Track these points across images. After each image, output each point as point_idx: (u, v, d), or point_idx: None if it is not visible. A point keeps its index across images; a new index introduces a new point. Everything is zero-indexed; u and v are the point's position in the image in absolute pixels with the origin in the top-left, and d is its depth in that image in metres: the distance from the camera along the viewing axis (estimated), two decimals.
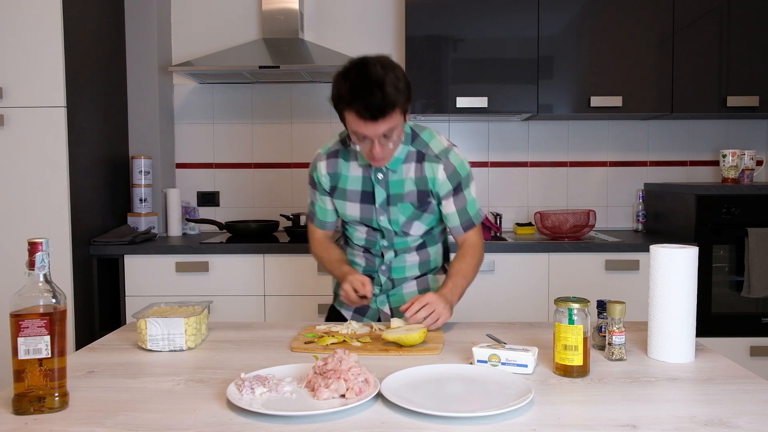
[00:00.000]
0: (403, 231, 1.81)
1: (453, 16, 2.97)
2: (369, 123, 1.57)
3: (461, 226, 1.82)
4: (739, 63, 2.96)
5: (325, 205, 1.89)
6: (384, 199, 1.78)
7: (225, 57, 3.02)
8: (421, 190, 1.77)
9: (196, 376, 1.30)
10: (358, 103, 1.54)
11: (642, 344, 1.48)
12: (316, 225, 1.93)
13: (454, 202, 1.79)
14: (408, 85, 1.62)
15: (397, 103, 1.58)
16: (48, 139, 2.57)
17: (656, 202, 3.21)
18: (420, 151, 1.76)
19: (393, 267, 1.88)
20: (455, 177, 1.76)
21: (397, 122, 1.62)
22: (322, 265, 1.96)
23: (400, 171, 1.76)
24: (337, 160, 1.82)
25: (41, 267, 1.10)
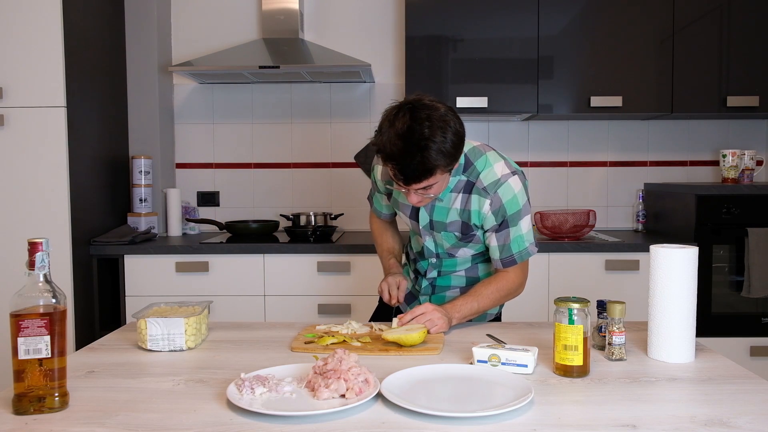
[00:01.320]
0: (449, 254, 1.79)
1: (453, 16, 2.97)
2: (412, 186, 1.51)
3: (500, 261, 1.71)
4: (739, 63, 2.96)
5: (381, 199, 1.93)
6: (427, 224, 1.73)
7: (225, 57, 3.01)
8: (465, 223, 1.69)
9: (196, 376, 1.30)
10: (393, 165, 1.47)
11: (642, 344, 1.48)
12: (374, 211, 1.99)
13: (496, 237, 1.69)
14: (456, 144, 1.49)
15: (438, 167, 1.47)
16: (48, 139, 2.57)
17: (656, 202, 3.21)
18: (470, 181, 1.66)
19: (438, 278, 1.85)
20: (501, 213, 1.65)
21: (437, 181, 1.52)
22: (375, 243, 2.01)
23: (447, 200, 1.68)
24: None
25: (41, 267, 1.10)
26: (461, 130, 1.52)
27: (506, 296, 1.74)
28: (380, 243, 1.97)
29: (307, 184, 3.37)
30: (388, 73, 3.33)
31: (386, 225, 1.99)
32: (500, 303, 1.77)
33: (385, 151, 1.48)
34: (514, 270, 1.73)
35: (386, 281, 1.80)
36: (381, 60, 3.30)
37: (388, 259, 1.90)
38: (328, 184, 3.37)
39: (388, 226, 1.99)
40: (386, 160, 1.49)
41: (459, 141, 1.51)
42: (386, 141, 1.47)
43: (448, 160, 1.49)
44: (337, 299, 2.81)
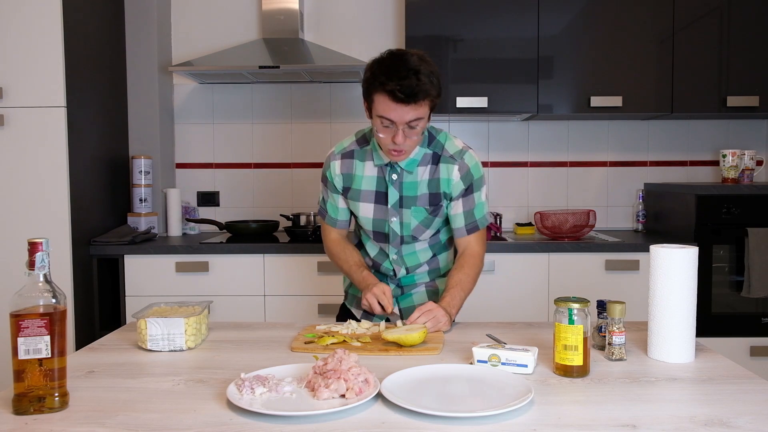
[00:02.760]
0: (412, 236, 1.80)
1: (453, 16, 2.97)
2: (400, 105, 1.57)
3: (465, 228, 1.79)
4: (739, 63, 2.96)
5: (336, 203, 1.87)
6: (396, 201, 1.77)
7: (225, 57, 3.01)
8: (434, 193, 1.76)
9: (196, 376, 1.30)
10: (393, 84, 1.55)
11: (642, 344, 1.48)
12: (327, 222, 1.91)
13: (463, 203, 1.77)
14: (440, 83, 1.63)
15: (429, 94, 1.59)
16: (48, 139, 2.57)
17: (656, 202, 3.21)
18: (436, 152, 1.75)
19: (402, 277, 1.88)
20: (468, 178, 1.75)
21: (424, 115, 1.62)
22: (338, 266, 1.91)
23: (415, 173, 1.75)
24: (352, 160, 1.80)
25: (41, 267, 1.10)
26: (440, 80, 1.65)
27: (478, 272, 1.80)
28: (345, 259, 1.86)
29: (307, 184, 3.37)
30: None
31: (344, 241, 1.91)
32: (476, 280, 1.79)
33: (383, 77, 1.56)
34: (477, 239, 1.81)
35: (372, 292, 1.71)
36: None
37: (360, 272, 1.81)
38: None
39: (347, 242, 1.92)
40: (383, 85, 1.56)
41: (440, 82, 1.63)
42: (381, 71, 1.58)
43: (434, 93, 1.61)
44: (337, 299, 2.79)
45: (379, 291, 1.70)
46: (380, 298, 1.70)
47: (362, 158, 1.79)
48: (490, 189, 3.38)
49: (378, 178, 1.78)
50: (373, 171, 1.78)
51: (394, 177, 1.76)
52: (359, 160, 1.79)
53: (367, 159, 1.79)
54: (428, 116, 1.65)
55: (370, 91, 1.62)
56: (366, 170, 1.79)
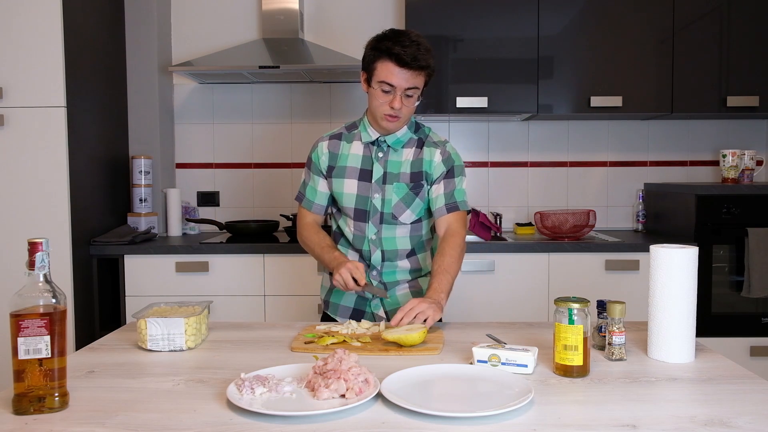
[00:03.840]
0: (393, 214, 1.83)
1: (453, 16, 2.97)
2: (402, 70, 1.69)
3: (445, 206, 1.83)
4: (739, 63, 2.96)
5: (315, 186, 1.92)
6: (381, 176, 1.84)
7: (225, 57, 3.02)
8: (415, 172, 1.84)
9: (196, 376, 1.30)
10: (399, 48, 1.68)
11: (642, 344, 1.48)
12: (304, 205, 1.95)
13: (444, 185, 1.84)
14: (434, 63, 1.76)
15: (428, 64, 1.72)
16: (48, 139, 2.57)
17: (656, 202, 3.21)
18: (421, 138, 1.88)
19: (384, 272, 1.89)
20: (449, 162, 1.85)
21: (420, 85, 1.75)
22: (310, 251, 1.93)
23: (400, 153, 1.85)
24: (339, 141, 1.90)
25: (41, 267, 1.10)
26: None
27: (461, 252, 1.81)
28: (318, 241, 1.89)
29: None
30: None
31: (317, 226, 1.95)
32: (461, 261, 1.80)
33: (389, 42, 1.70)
34: (456, 221, 1.84)
35: (345, 267, 1.72)
36: None
37: (332, 252, 1.84)
38: None
39: (319, 227, 1.95)
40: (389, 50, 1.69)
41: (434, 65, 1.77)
42: (383, 37, 1.73)
43: (431, 68, 1.75)
44: None
45: (351, 266, 1.72)
46: (353, 272, 1.71)
47: (349, 140, 1.90)
48: (490, 189, 3.38)
49: (364, 157, 1.86)
50: (360, 149, 1.87)
51: (380, 155, 1.85)
52: (346, 141, 1.90)
53: (354, 140, 1.89)
54: (421, 91, 1.78)
55: (374, 59, 1.73)
56: (352, 149, 1.88)
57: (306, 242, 1.94)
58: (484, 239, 2.96)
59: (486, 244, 2.83)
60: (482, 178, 3.37)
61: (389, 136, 1.84)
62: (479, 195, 3.38)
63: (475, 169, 3.37)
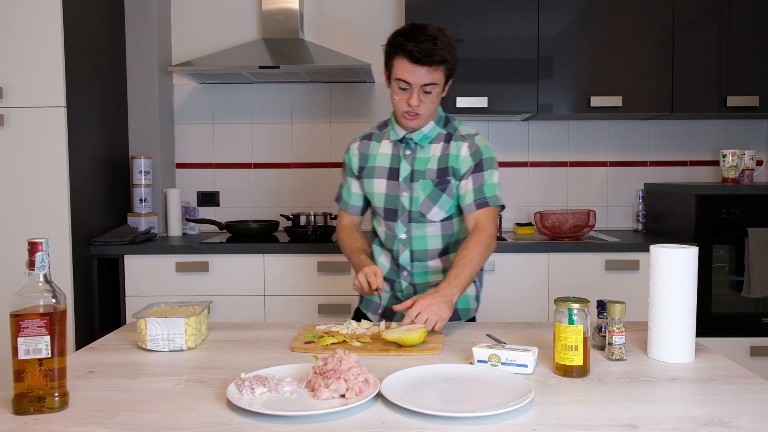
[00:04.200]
0: (421, 212, 1.81)
1: (453, 16, 2.97)
2: (417, 67, 1.67)
3: (474, 203, 1.77)
4: (739, 63, 2.96)
5: (350, 187, 1.95)
6: (408, 174, 1.82)
7: (225, 57, 3.01)
8: (442, 168, 1.80)
9: (196, 376, 1.30)
10: (411, 44, 1.66)
11: (642, 344, 1.48)
12: (341, 206, 1.99)
13: (472, 180, 1.79)
14: (456, 55, 1.74)
15: (446, 60, 1.69)
16: (48, 139, 2.57)
17: (656, 202, 3.21)
18: (449, 133, 1.84)
19: (415, 273, 1.87)
20: (477, 155, 1.79)
21: (439, 81, 1.72)
22: (343, 251, 1.97)
23: (427, 149, 1.83)
24: (370, 142, 1.91)
25: (41, 267, 1.10)
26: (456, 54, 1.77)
27: (487, 248, 1.73)
28: (349, 244, 1.92)
29: (307, 184, 3.37)
30: None
31: (353, 227, 1.98)
32: (485, 257, 1.73)
33: (402, 38, 1.67)
34: (487, 216, 1.77)
35: (363, 272, 1.73)
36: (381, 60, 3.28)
37: (358, 256, 1.85)
38: (328, 184, 3.37)
39: (356, 230, 1.98)
40: (402, 46, 1.67)
41: (456, 57, 1.75)
42: (399, 33, 1.70)
43: (452, 61, 1.72)
44: (337, 299, 2.81)
45: (370, 270, 1.73)
46: (369, 276, 1.72)
47: (379, 139, 1.90)
48: None
49: (392, 156, 1.86)
50: (388, 148, 1.86)
51: (408, 152, 1.83)
52: (376, 141, 1.90)
53: (383, 138, 1.89)
54: (444, 86, 1.75)
55: (391, 56, 1.72)
56: (381, 148, 1.88)
57: (340, 244, 1.98)
58: None
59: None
60: None
61: (415, 133, 1.81)
62: None
63: None
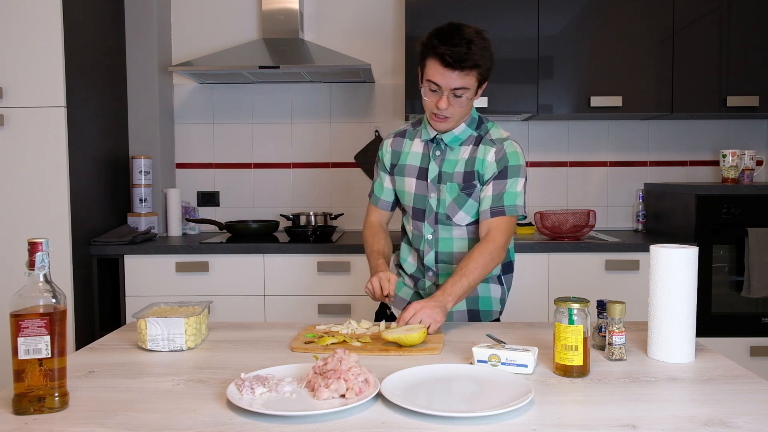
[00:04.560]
0: (447, 215, 1.80)
1: (453, 16, 2.92)
2: (447, 71, 1.64)
3: (489, 210, 1.75)
4: (739, 63, 2.96)
5: (382, 182, 1.95)
6: (436, 175, 1.81)
7: (225, 57, 3.01)
8: (468, 171, 1.79)
9: (196, 376, 1.30)
10: (444, 47, 1.62)
11: (642, 344, 1.48)
12: (372, 201, 1.99)
13: (493, 186, 1.76)
14: (492, 60, 1.70)
15: (478, 65, 1.65)
16: (48, 139, 2.57)
17: (656, 202, 3.21)
18: (480, 135, 1.81)
19: (440, 274, 1.86)
20: (503, 161, 1.77)
21: (471, 86, 1.68)
22: (365, 248, 1.95)
23: (457, 151, 1.81)
24: (403, 139, 1.91)
25: (41, 267, 1.10)
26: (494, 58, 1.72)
27: (491, 260, 1.71)
28: (371, 244, 1.91)
29: (307, 184, 3.37)
30: (388, 73, 3.33)
31: (380, 228, 1.96)
32: (488, 269, 1.71)
33: (436, 40, 1.64)
34: (496, 228, 1.75)
35: (377, 276, 1.73)
36: (381, 60, 3.30)
37: (376, 259, 1.83)
38: (328, 184, 3.37)
39: (381, 230, 1.96)
40: (435, 48, 1.63)
41: (492, 58, 1.71)
42: (435, 33, 1.66)
43: (485, 66, 1.67)
44: (337, 299, 2.81)
45: (384, 276, 1.72)
46: (383, 282, 1.71)
47: (412, 137, 1.89)
48: None
49: (423, 155, 1.85)
50: (420, 147, 1.86)
51: (438, 153, 1.82)
52: (409, 139, 1.89)
53: (416, 137, 1.88)
54: (476, 90, 1.71)
55: (424, 56, 1.69)
56: (413, 147, 1.87)
57: (364, 241, 1.96)
58: None
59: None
60: None
61: (446, 134, 1.79)
62: None
63: None
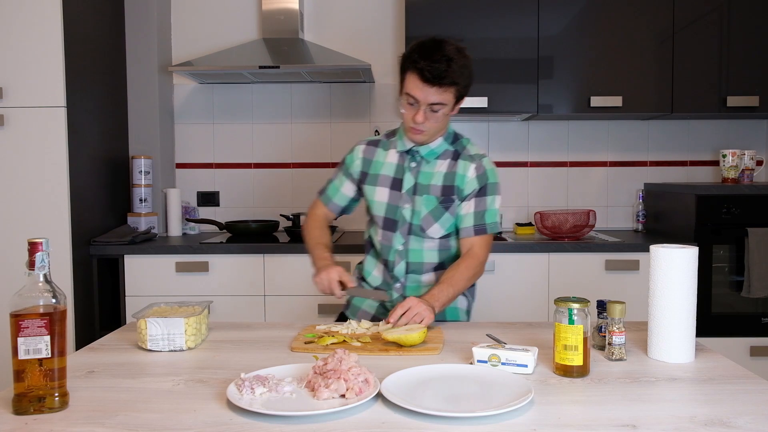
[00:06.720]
0: (421, 227, 1.81)
1: (453, 16, 2.97)
2: (425, 86, 1.66)
3: (473, 228, 1.81)
4: (739, 63, 2.96)
5: (340, 186, 1.94)
6: (411, 187, 1.82)
7: (225, 57, 3.01)
8: (447, 186, 1.81)
9: (196, 376, 1.30)
10: (424, 63, 1.64)
11: (642, 344, 1.48)
12: (322, 199, 1.99)
13: (475, 203, 1.81)
14: (471, 77, 1.73)
15: (456, 83, 1.68)
16: (48, 139, 2.57)
17: (656, 202, 3.21)
18: (457, 150, 1.85)
19: (408, 285, 1.87)
20: (483, 178, 1.82)
21: (448, 102, 1.70)
22: (306, 241, 1.94)
23: (433, 164, 1.83)
24: (376, 148, 1.90)
25: (41, 267, 1.10)
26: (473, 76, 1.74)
27: (474, 275, 1.79)
28: (318, 236, 1.92)
29: (307, 184, 3.37)
30: (388, 73, 3.33)
31: (325, 223, 1.99)
32: (470, 282, 1.79)
33: (417, 55, 1.65)
34: (479, 245, 1.82)
35: (327, 272, 1.73)
36: (381, 60, 3.30)
37: (324, 251, 1.85)
38: None
39: (327, 225, 1.99)
40: (415, 63, 1.65)
41: (471, 77, 1.73)
42: (417, 47, 1.68)
43: (464, 84, 1.70)
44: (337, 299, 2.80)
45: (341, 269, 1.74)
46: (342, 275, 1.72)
47: (386, 147, 1.89)
48: None
49: (398, 166, 1.85)
50: (395, 158, 1.86)
51: (413, 165, 1.83)
52: (383, 149, 1.89)
53: (390, 148, 1.88)
54: (453, 106, 1.74)
55: (404, 69, 1.71)
56: (388, 157, 1.87)
57: (307, 232, 1.96)
58: None
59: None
60: None
61: (422, 147, 1.82)
62: None
63: None
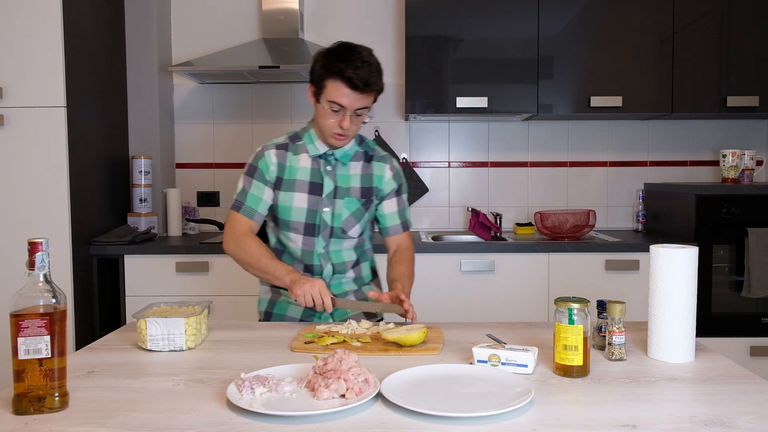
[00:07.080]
0: (343, 228, 1.83)
1: (453, 16, 2.97)
2: (354, 93, 1.69)
3: (401, 225, 1.93)
4: (739, 63, 2.96)
5: (260, 194, 1.81)
6: (332, 191, 1.83)
7: (225, 57, 3.01)
8: (366, 187, 1.87)
9: (196, 376, 1.30)
10: (351, 71, 1.66)
11: (642, 344, 1.48)
12: (243, 213, 1.81)
13: (397, 202, 1.92)
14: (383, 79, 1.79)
15: (378, 86, 1.74)
16: (48, 139, 2.57)
17: (656, 202, 3.21)
18: (366, 152, 1.89)
19: (332, 284, 1.89)
20: (398, 178, 1.92)
21: (370, 104, 1.76)
22: (248, 260, 1.76)
23: (348, 166, 1.86)
24: (286, 153, 1.85)
25: (41, 267, 1.10)
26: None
27: (414, 265, 1.91)
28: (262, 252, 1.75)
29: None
30: (388, 73, 3.32)
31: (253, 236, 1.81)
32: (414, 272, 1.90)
33: (341, 64, 1.66)
34: (409, 239, 1.95)
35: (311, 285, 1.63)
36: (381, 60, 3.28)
37: (279, 264, 1.72)
38: None
39: (256, 238, 1.81)
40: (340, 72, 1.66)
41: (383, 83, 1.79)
42: (333, 55, 1.69)
43: (381, 85, 1.76)
44: None
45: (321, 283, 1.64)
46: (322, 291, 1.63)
47: (296, 152, 1.85)
48: (490, 189, 3.38)
49: (312, 170, 1.84)
50: (308, 162, 1.84)
51: (329, 168, 1.84)
52: (293, 153, 1.85)
53: (300, 152, 1.85)
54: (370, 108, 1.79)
55: (324, 77, 1.70)
56: (300, 162, 1.84)
57: (246, 250, 1.76)
58: (484, 239, 2.97)
59: (486, 244, 2.83)
60: (482, 178, 3.37)
61: (337, 150, 1.84)
62: (479, 195, 3.38)
63: (475, 169, 3.37)
